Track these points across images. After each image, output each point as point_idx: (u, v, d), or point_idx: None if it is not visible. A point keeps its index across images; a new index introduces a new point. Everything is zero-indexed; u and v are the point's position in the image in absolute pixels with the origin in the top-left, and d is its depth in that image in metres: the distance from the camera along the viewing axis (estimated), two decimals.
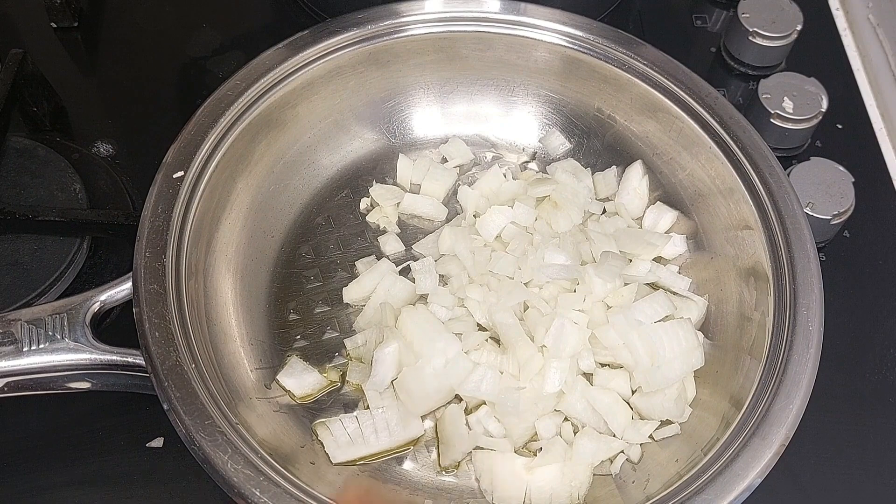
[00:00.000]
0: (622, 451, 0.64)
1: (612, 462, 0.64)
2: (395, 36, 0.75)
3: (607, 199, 0.76)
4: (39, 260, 0.72)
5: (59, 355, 0.59)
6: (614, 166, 0.77)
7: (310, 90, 0.73)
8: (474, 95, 0.80)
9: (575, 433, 0.64)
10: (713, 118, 0.70)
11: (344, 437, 0.63)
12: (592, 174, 0.77)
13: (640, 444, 0.64)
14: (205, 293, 0.65)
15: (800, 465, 0.67)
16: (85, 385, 0.61)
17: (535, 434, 0.65)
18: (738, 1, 0.86)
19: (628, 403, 0.65)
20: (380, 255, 0.74)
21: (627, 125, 0.76)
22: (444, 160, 0.79)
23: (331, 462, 0.63)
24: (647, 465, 0.63)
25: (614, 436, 0.64)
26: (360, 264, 0.73)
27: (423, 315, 0.66)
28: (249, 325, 0.68)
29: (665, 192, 0.75)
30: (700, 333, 0.68)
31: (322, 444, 0.63)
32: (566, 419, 0.65)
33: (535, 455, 0.63)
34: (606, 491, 0.63)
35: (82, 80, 0.88)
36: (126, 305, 0.61)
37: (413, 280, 0.71)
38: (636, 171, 0.75)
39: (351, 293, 0.71)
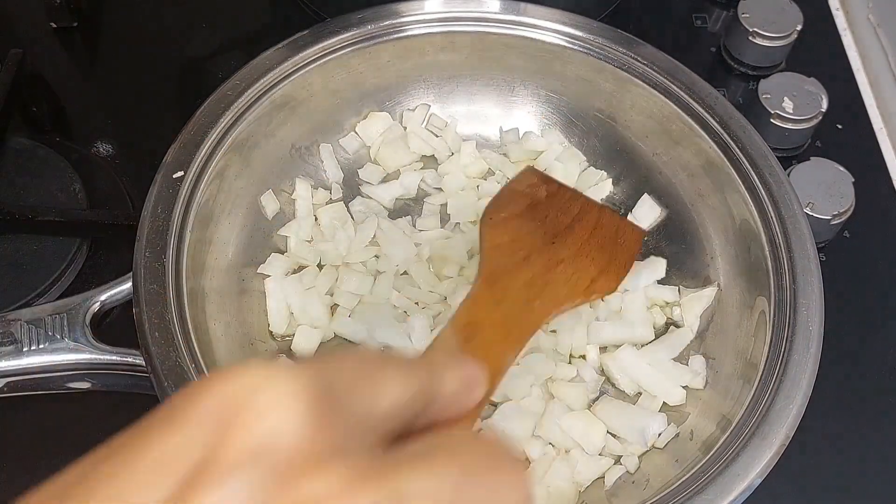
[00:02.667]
0: (619, 464, 0.64)
1: (605, 476, 0.63)
2: (395, 36, 0.75)
3: None
4: (39, 260, 0.72)
5: (59, 355, 0.59)
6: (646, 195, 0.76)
7: (310, 90, 0.73)
8: (474, 95, 0.80)
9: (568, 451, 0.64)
10: (713, 118, 0.70)
11: None
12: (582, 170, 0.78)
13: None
14: (205, 293, 0.64)
15: (800, 465, 0.67)
16: (85, 385, 0.62)
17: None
18: (738, 1, 0.86)
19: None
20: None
21: (627, 125, 0.76)
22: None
23: None
24: (647, 466, 0.63)
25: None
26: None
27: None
28: (249, 325, 0.68)
29: (665, 192, 0.75)
30: (701, 358, 0.68)
31: None
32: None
33: None
34: (605, 493, 0.63)
35: (82, 80, 0.88)
36: (126, 305, 0.61)
37: None
38: (647, 204, 0.75)
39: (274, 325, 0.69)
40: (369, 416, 0.29)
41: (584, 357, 0.69)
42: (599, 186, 0.77)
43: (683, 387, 0.66)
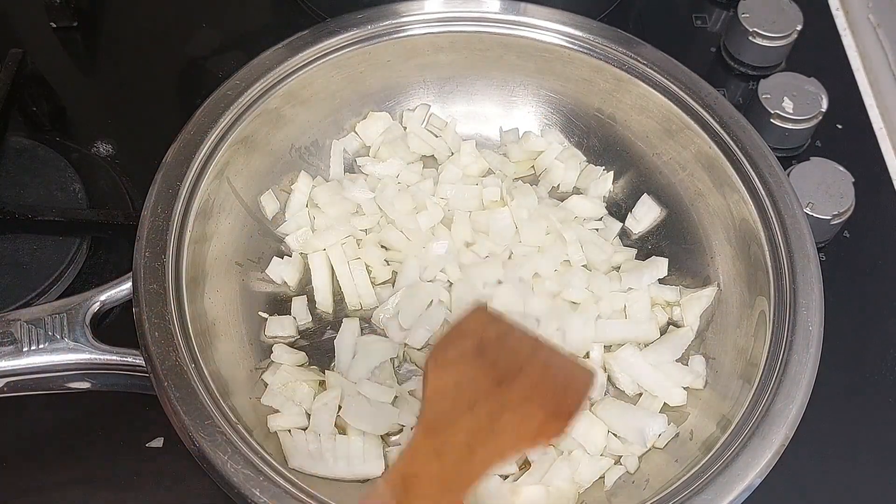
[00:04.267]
0: (619, 464, 0.64)
1: (605, 475, 0.63)
2: (395, 36, 0.75)
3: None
4: (39, 260, 0.72)
5: (58, 355, 0.59)
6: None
7: (310, 90, 0.73)
8: (474, 95, 0.80)
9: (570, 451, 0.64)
10: (713, 118, 0.70)
11: (304, 449, 0.62)
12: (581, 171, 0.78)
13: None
14: (205, 293, 0.65)
15: (800, 465, 0.67)
16: (85, 385, 0.62)
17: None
18: (738, 1, 0.86)
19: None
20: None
21: (627, 125, 0.76)
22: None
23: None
24: (647, 466, 0.63)
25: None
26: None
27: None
28: (249, 324, 0.68)
29: (665, 192, 0.75)
30: (701, 358, 0.68)
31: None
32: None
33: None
34: (605, 493, 0.63)
35: (82, 80, 0.88)
36: (126, 305, 0.61)
37: None
38: (646, 204, 0.76)
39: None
40: None
41: (587, 355, 0.69)
42: (601, 181, 0.77)
43: (684, 387, 0.66)
